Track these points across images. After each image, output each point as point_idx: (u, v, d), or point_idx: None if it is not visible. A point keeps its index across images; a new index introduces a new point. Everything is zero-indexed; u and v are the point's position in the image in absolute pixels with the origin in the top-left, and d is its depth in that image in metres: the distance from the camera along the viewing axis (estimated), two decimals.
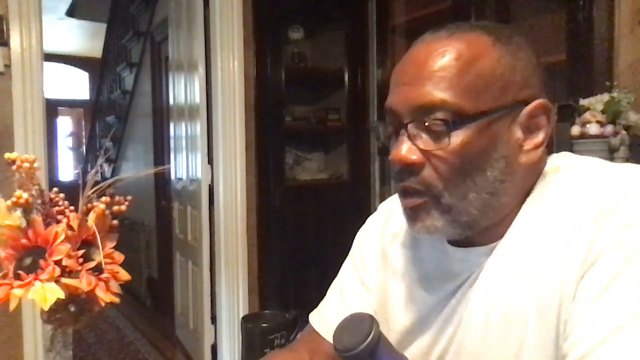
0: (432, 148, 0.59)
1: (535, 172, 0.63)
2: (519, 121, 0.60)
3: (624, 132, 1.48)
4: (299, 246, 2.65)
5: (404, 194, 0.63)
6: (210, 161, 2.51)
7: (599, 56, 1.66)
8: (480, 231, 0.62)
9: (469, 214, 0.60)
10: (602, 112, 1.49)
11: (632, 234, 0.52)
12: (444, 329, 0.66)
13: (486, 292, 0.62)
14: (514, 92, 0.59)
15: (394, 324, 0.73)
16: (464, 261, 0.65)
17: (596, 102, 1.50)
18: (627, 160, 1.47)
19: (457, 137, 0.58)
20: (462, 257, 0.65)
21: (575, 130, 1.51)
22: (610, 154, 1.47)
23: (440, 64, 0.58)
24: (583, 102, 1.53)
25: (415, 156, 0.59)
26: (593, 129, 1.47)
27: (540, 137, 0.61)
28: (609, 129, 1.47)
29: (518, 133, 0.60)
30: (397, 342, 0.71)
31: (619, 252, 0.52)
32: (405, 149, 0.60)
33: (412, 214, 0.63)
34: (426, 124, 0.59)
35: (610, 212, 0.54)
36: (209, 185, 2.52)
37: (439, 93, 0.57)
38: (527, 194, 0.62)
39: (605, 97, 1.50)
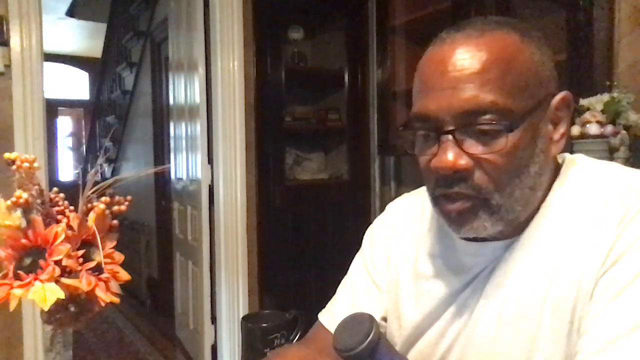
0: (481, 152, 0.58)
1: (555, 165, 0.64)
2: (548, 114, 0.61)
3: (624, 132, 1.48)
4: (299, 246, 2.65)
5: (449, 199, 0.61)
6: (210, 161, 2.51)
7: (599, 56, 1.66)
8: None
9: (515, 211, 0.60)
10: (602, 112, 1.49)
11: None
12: (453, 322, 0.67)
13: (501, 286, 0.62)
14: (545, 87, 0.60)
15: (404, 320, 0.73)
16: (477, 255, 0.66)
17: (596, 102, 1.50)
18: (627, 160, 1.47)
19: (508, 139, 0.57)
20: (475, 252, 0.66)
21: (576, 130, 1.51)
22: (611, 154, 1.47)
23: (483, 65, 0.57)
24: (583, 102, 1.53)
25: (464, 161, 0.58)
26: (593, 129, 1.47)
27: (563, 127, 0.62)
28: (609, 129, 1.47)
29: (549, 126, 0.61)
30: (407, 337, 0.72)
31: None
32: (453, 155, 0.58)
33: (459, 218, 0.61)
34: (475, 127, 0.57)
35: (634, 215, 0.55)
36: (209, 185, 2.52)
37: (487, 95, 0.56)
38: (549, 187, 0.63)
39: (605, 97, 1.50)
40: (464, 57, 0.57)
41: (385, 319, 0.77)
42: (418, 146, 0.63)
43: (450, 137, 0.58)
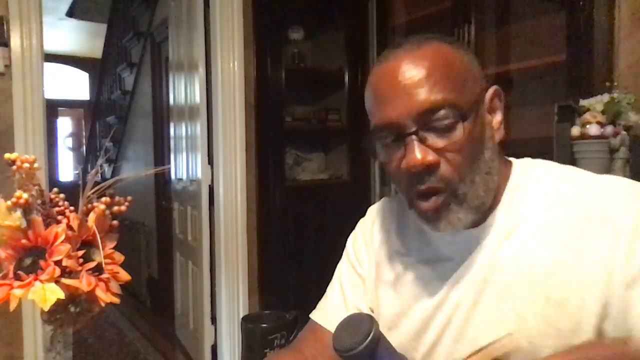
0: (443, 144, 0.63)
1: (501, 156, 0.72)
2: (485, 106, 0.69)
3: (624, 132, 1.48)
4: (299, 246, 2.65)
5: (424, 196, 0.66)
6: (210, 161, 2.51)
7: (599, 56, 1.66)
8: None
9: (479, 196, 0.66)
10: (602, 112, 1.49)
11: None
12: (435, 314, 0.70)
13: (478, 278, 0.67)
14: (479, 83, 0.68)
15: (384, 309, 0.77)
16: (452, 244, 0.70)
17: (596, 103, 1.50)
18: (627, 160, 1.47)
19: (464, 127, 0.63)
20: (451, 240, 0.70)
21: (576, 130, 1.51)
22: (611, 155, 1.47)
23: (427, 71, 0.64)
24: (583, 102, 1.53)
25: (431, 156, 0.63)
26: (593, 129, 1.47)
27: (499, 116, 0.71)
28: (609, 129, 1.47)
29: (488, 116, 0.69)
30: (387, 326, 0.75)
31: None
32: (420, 153, 0.63)
33: (435, 215, 0.66)
34: (434, 124, 0.63)
35: (591, 214, 0.62)
36: (209, 185, 2.52)
37: (437, 95, 0.63)
38: (504, 178, 0.70)
39: (606, 97, 1.50)
40: (410, 67, 0.64)
41: (372, 310, 0.80)
42: (383, 156, 0.69)
43: (414, 137, 0.64)
